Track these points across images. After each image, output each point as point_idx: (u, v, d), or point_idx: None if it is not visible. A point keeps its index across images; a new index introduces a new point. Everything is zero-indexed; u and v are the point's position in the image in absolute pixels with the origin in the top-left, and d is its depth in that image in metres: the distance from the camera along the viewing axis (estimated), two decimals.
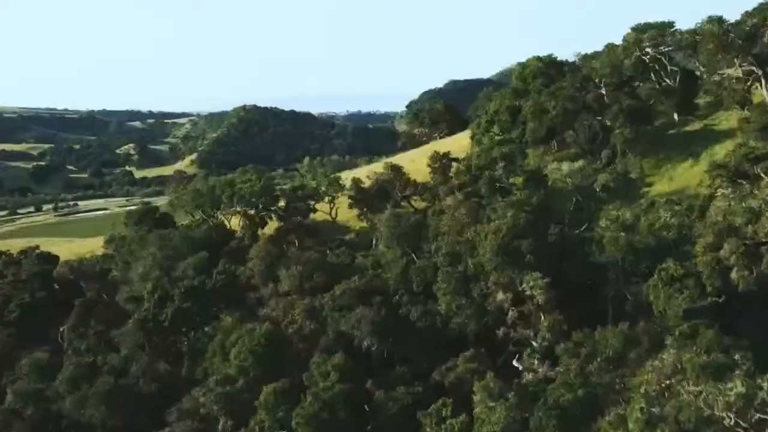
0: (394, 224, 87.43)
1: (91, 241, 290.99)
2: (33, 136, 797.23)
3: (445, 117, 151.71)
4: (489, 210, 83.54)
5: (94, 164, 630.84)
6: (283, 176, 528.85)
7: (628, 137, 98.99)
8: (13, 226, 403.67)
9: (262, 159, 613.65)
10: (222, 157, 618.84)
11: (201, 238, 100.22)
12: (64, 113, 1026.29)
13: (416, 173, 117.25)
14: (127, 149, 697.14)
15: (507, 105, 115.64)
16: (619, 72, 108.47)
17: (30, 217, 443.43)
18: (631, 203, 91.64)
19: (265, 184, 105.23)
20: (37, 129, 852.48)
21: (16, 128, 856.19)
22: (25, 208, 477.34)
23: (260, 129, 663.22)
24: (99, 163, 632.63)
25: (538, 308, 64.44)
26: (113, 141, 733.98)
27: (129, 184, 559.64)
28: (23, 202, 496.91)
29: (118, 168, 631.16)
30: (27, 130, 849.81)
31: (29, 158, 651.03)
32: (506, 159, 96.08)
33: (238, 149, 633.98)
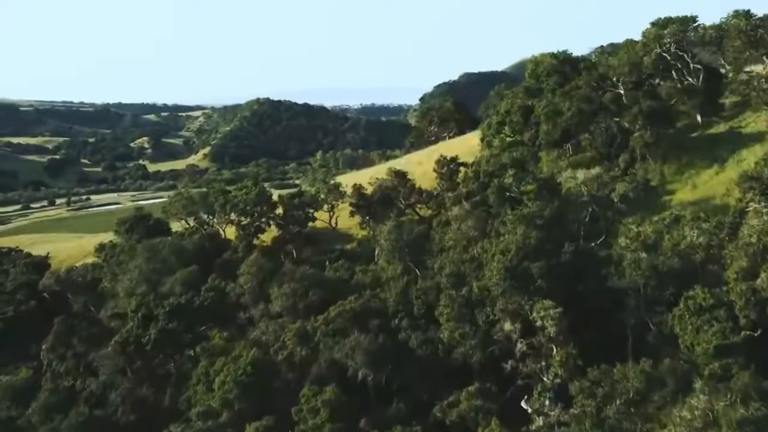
0: (395, 237, 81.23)
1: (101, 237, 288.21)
2: (48, 130, 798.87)
3: (455, 116, 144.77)
4: (498, 223, 77.01)
5: (108, 158, 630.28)
6: (295, 170, 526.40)
7: (648, 141, 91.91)
8: (25, 221, 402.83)
9: (275, 153, 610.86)
10: (235, 151, 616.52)
11: (192, 249, 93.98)
12: (80, 106, 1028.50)
13: (423, 177, 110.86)
14: (141, 143, 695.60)
15: (519, 105, 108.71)
16: (638, 70, 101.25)
17: (43, 211, 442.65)
18: (651, 213, 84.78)
19: (261, 192, 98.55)
20: (52, 122, 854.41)
21: (32, 122, 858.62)
22: (38, 202, 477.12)
23: (273, 122, 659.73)
24: (113, 157, 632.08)
25: (550, 340, 57.85)
26: (127, 134, 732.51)
27: (142, 178, 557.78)
28: (37, 196, 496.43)
29: (132, 162, 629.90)
30: (42, 124, 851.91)
31: (44, 152, 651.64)
32: (517, 165, 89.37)
33: (251, 143, 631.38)
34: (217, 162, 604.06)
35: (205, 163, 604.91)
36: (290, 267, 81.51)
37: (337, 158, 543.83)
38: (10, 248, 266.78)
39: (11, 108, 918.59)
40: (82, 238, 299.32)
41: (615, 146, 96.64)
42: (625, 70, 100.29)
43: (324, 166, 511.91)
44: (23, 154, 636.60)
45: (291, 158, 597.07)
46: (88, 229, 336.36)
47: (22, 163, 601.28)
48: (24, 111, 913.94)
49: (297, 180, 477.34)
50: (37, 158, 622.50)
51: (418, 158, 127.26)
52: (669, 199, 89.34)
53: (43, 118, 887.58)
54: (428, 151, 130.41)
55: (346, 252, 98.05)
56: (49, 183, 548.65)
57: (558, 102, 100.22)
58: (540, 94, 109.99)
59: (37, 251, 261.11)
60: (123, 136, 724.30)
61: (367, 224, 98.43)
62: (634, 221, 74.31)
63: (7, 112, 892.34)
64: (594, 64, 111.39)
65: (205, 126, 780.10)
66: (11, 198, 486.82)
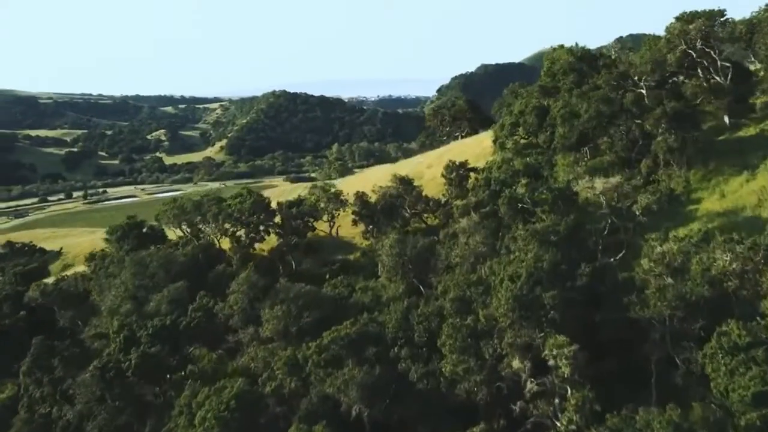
0: (398, 252, 75.16)
1: None
2: (67, 122, 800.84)
3: (467, 114, 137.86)
4: (508, 238, 70.63)
5: (125, 150, 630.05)
6: (311, 162, 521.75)
7: (672, 145, 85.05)
8: (42, 214, 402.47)
9: (292, 145, 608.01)
10: (251, 143, 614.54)
11: (184, 261, 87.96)
12: (99, 99, 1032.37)
13: (432, 182, 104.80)
14: (157, 135, 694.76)
15: (533, 105, 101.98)
16: (661, 68, 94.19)
17: (60, 204, 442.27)
18: (675, 224, 78.22)
19: (256, 201, 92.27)
20: (71, 115, 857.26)
21: (51, 114, 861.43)
22: (55, 195, 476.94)
23: (289, 115, 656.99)
24: (130, 149, 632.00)
25: (564, 381, 51.51)
26: (145, 127, 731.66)
27: (158, 170, 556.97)
28: (54, 189, 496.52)
29: (149, 154, 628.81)
30: (61, 116, 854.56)
31: (63, 144, 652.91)
32: (530, 173, 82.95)
33: (268, 135, 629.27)
34: (234, 154, 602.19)
35: (221, 156, 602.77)
36: (285, 284, 75.50)
37: (353, 151, 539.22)
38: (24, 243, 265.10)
39: (31, 100, 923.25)
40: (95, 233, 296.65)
41: (636, 150, 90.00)
42: (647, 69, 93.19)
43: (340, 158, 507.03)
44: (42, 146, 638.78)
45: (307, 150, 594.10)
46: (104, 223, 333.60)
47: (41, 155, 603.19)
48: (43, 103, 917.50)
49: (313, 173, 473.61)
50: (56, 150, 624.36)
51: (427, 160, 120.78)
52: (695, 208, 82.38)
53: (62, 111, 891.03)
54: (439, 152, 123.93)
55: (348, 263, 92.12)
56: (67, 176, 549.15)
57: (575, 103, 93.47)
58: (556, 93, 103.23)
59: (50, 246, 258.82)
60: (140, 128, 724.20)
61: (371, 234, 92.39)
62: (657, 237, 67.79)
63: (27, 104, 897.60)
64: (614, 62, 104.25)
65: (222, 118, 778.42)
66: (29, 191, 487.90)
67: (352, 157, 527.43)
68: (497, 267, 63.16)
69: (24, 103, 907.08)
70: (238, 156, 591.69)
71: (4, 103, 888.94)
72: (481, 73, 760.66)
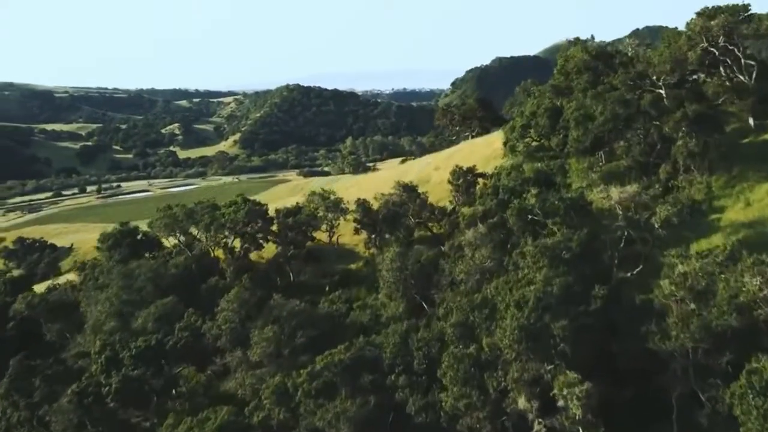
0: (399, 266, 70.35)
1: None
2: (82, 116, 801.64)
3: (477, 113, 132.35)
4: (517, 254, 65.55)
5: (139, 144, 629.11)
6: (325, 156, 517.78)
7: (694, 150, 79.66)
8: (56, 209, 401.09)
9: (305, 139, 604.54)
10: (265, 137, 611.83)
11: (175, 273, 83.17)
12: (114, 93, 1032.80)
13: (440, 186, 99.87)
14: (171, 129, 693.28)
15: (546, 107, 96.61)
16: (681, 67, 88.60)
17: (74, 198, 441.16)
18: (697, 235, 72.86)
19: (250, 211, 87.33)
20: (86, 109, 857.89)
21: (67, 108, 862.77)
22: (69, 189, 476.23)
23: (303, 108, 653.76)
24: (144, 143, 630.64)
25: (575, 422, 46.56)
26: (159, 121, 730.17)
27: (172, 164, 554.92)
28: (68, 183, 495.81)
29: (163, 148, 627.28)
30: (76, 110, 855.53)
31: (78, 138, 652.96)
32: (541, 182, 77.83)
33: (281, 129, 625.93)
34: (247, 148, 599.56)
35: (235, 150, 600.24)
36: (278, 301, 70.87)
37: (366, 144, 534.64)
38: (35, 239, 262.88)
39: (47, 95, 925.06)
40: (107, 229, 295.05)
41: (654, 155, 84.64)
42: (666, 68, 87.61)
43: (354, 152, 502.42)
44: (57, 140, 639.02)
45: (321, 144, 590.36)
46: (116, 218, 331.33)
47: (56, 149, 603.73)
48: (59, 97, 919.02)
49: (326, 167, 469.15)
50: (71, 144, 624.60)
51: (435, 162, 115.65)
52: (717, 218, 76.79)
53: (78, 105, 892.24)
54: (447, 153, 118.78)
55: (350, 273, 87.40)
56: (81, 170, 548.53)
57: (589, 105, 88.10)
58: (569, 93, 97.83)
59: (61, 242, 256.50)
60: (154, 122, 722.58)
61: (373, 243, 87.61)
62: (678, 254, 62.48)
63: (43, 98, 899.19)
64: (631, 60, 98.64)
65: (236, 112, 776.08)
66: (43, 185, 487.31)
67: (365, 151, 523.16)
68: (503, 287, 58.25)
69: (40, 97, 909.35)
70: (252, 150, 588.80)
71: (21, 97, 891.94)
72: (496, 66, 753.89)
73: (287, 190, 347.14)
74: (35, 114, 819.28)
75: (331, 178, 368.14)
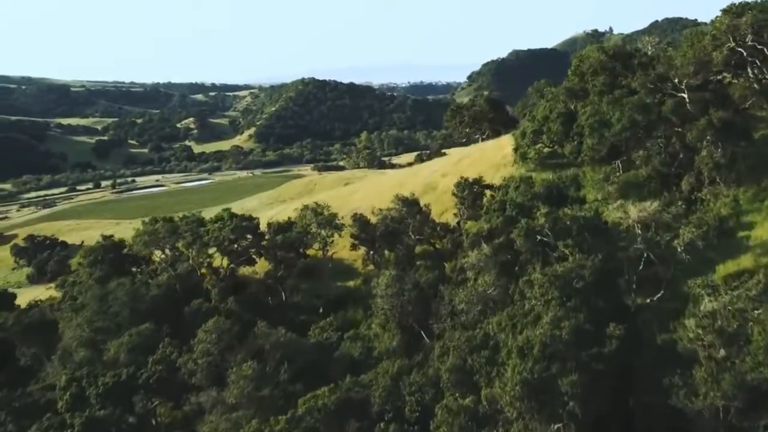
0: (395, 292, 64.44)
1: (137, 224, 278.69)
2: (99, 110, 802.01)
3: (488, 115, 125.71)
4: (523, 282, 59.35)
5: (154, 139, 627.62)
6: (339, 151, 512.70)
7: (720, 161, 73.09)
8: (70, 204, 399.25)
9: (320, 133, 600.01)
10: (280, 131, 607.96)
11: (156, 295, 77.27)
12: (130, 87, 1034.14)
13: (446, 195, 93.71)
14: (187, 123, 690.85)
15: (559, 111, 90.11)
16: (705, 69, 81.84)
17: (89, 193, 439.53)
18: (722, 256, 66.22)
19: (237, 227, 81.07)
20: (102, 103, 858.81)
21: (84, 102, 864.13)
22: (84, 184, 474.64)
23: (318, 102, 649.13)
24: (159, 138, 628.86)
25: None
26: (174, 115, 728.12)
27: (187, 159, 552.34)
28: (83, 178, 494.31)
29: (178, 143, 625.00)
30: (93, 104, 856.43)
31: (93, 132, 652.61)
32: (552, 196, 71.59)
33: (296, 123, 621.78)
34: (262, 143, 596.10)
35: (250, 144, 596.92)
36: (263, 330, 64.98)
37: (382, 139, 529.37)
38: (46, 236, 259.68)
39: (63, 89, 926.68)
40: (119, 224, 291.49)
41: (676, 165, 78.11)
42: (689, 70, 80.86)
43: (369, 147, 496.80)
44: (73, 135, 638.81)
45: (336, 139, 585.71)
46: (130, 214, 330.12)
47: (72, 144, 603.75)
48: (75, 92, 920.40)
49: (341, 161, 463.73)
50: (87, 139, 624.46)
51: (443, 168, 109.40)
52: (746, 236, 70.04)
53: (94, 99, 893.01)
54: (455, 158, 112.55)
55: (347, 292, 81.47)
56: (97, 165, 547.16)
57: (606, 110, 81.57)
58: (584, 96, 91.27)
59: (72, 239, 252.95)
60: (170, 116, 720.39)
61: (371, 260, 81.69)
62: (704, 283, 56.09)
63: (60, 93, 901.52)
64: (651, 60, 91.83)
65: (251, 106, 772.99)
66: (58, 180, 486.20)
67: (381, 146, 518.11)
68: (507, 323, 52.20)
69: (57, 91, 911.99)
70: (267, 144, 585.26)
71: (38, 91, 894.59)
72: (513, 59, 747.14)
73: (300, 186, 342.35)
74: (52, 108, 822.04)
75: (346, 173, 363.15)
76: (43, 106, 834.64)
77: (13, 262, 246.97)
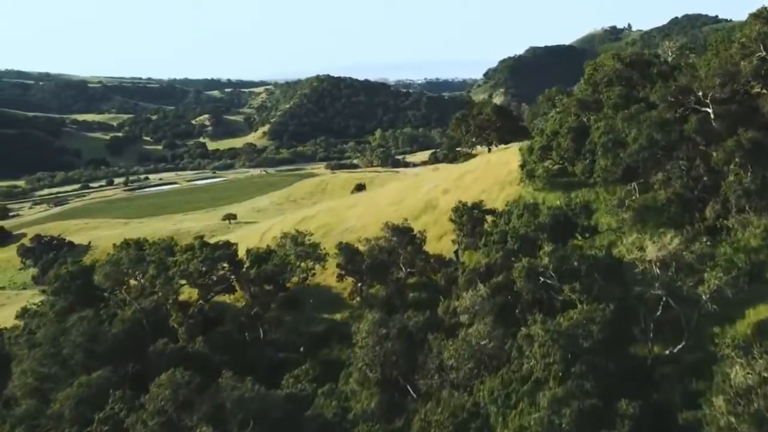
0: (376, 340, 56.54)
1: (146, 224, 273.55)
2: (115, 106, 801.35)
3: (496, 124, 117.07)
4: (522, 337, 51.22)
5: (168, 135, 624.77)
6: (353, 149, 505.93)
7: (749, 188, 64.62)
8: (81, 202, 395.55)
9: (335, 130, 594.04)
10: (294, 129, 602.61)
11: (118, 333, 68.58)
12: (147, 82, 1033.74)
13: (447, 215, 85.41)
14: (202, 120, 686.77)
15: (570, 126, 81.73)
16: (733, 80, 73.26)
17: (101, 191, 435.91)
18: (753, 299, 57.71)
19: (208, 258, 72.71)
20: (118, 99, 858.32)
21: (100, 98, 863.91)
22: (97, 181, 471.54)
23: (333, 99, 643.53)
24: (173, 135, 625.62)
25: None
26: (189, 111, 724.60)
27: (200, 156, 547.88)
28: (97, 176, 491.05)
29: (193, 139, 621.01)
30: (109, 100, 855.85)
31: (108, 129, 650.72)
32: (558, 228, 63.32)
33: (311, 120, 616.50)
34: (276, 140, 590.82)
35: (263, 141, 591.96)
36: (228, 382, 57.11)
37: (396, 137, 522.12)
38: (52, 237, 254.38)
39: (81, 85, 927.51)
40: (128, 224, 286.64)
41: (699, 188, 69.61)
42: (715, 82, 72.25)
43: (383, 145, 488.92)
44: (88, 131, 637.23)
45: (350, 136, 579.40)
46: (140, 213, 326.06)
47: (87, 141, 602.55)
48: (92, 87, 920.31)
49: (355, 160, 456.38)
50: (102, 135, 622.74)
51: (444, 184, 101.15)
52: None
53: (110, 95, 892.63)
54: (458, 173, 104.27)
55: (333, 327, 73.59)
56: (111, 161, 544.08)
57: (621, 128, 73.16)
58: (598, 108, 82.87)
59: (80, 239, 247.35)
60: (185, 113, 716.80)
61: (359, 292, 73.80)
62: (734, 342, 47.85)
63: (77, 89, 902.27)
64: (672, 69, 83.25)
65: (267, 102, 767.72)
66: (72, 177, 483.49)
67: (395, 143, 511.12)
68: (500, 391, 44.27)
69: (74, 87, 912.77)
70: (281, 142, 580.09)
71: (56, 87, 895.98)
72: (529, 55, 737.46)
73: (311, 186, 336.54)
74: (69, 104, 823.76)
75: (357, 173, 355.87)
76: (61, 102, 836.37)
77: (20, 263, 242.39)
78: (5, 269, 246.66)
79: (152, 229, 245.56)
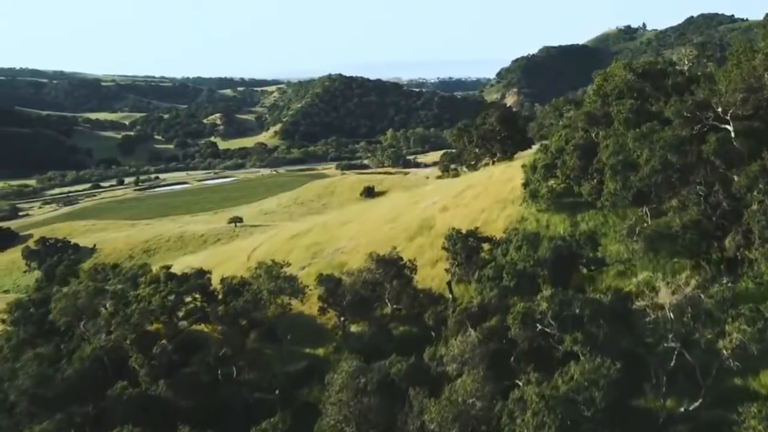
0: (352, 393, 50.06)
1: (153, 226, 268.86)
2: (128, 105, 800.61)
3: (499, 135, 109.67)
4: (513, 401, 44.44)
5: (180, 134, 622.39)
6: (365, 149, 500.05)
7: None
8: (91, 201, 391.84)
9: (346, 130, 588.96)
10: (305, 128, 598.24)
11: (72, 375, 61.38)
12: (160, 81, 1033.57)
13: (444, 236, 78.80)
14: (213, 119, 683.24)
15: (576, 143, 74.74)
16: (756, 95, 66.09)
17: (111, 191, 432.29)
18: None
19: (172, 291, 65.59)
20: (131, 98, 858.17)
21: (113, 97, 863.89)
22: (108, 181, 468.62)
23: (344, 99, 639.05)
24: (185, 134, 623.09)
25: None
26: (201, 110, 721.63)
27: (211, 156, 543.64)
28: (107, 175, 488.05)
29: (204, 138, 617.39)
30: (122, 99, 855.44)
31: (121, 128, 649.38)
32: (560, 263, 56.53)
33: (322, 120, 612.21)
34: (287, 140, 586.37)
35: (275, 141, 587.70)
36: None
37: (408, 137, 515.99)
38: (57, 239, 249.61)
39: (94, 83, 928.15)
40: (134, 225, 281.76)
41: (718, 215, 62.52)
42: (737, 98, 65.05)
43: (394, 145, 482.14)
44: (100, 130, 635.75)
45: (361, 136, 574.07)
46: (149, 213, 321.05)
47: (98, 140, 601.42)
48: (105, 86, 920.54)
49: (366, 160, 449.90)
50: (113, 134, 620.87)
51: (443, 200, 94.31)
52: None
53: (123, 94, 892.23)
54: (457, 189, 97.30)
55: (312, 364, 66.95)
56: (122, 161, 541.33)
57: (632, 148, 66.15)
58: (607, 123, 75.83)
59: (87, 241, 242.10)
60: (197, 111, 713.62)
61: (341, 327, 67.21)
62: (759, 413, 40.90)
63: (91, 87, 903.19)
64: (689, 81, 76.09)
65: (278, 101, 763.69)
66: (82, 176, 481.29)
67: (407, 144, 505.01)
68: None
69: (88, 86, 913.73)
70: (292, 141, 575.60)
71: (69, 86, 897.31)
72: (543, 55, 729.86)
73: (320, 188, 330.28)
74: (82, 103, 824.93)
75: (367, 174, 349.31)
76: (74, 101, 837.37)
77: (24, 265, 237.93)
78: (10, 271, 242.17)
79: (158, 231, 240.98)
